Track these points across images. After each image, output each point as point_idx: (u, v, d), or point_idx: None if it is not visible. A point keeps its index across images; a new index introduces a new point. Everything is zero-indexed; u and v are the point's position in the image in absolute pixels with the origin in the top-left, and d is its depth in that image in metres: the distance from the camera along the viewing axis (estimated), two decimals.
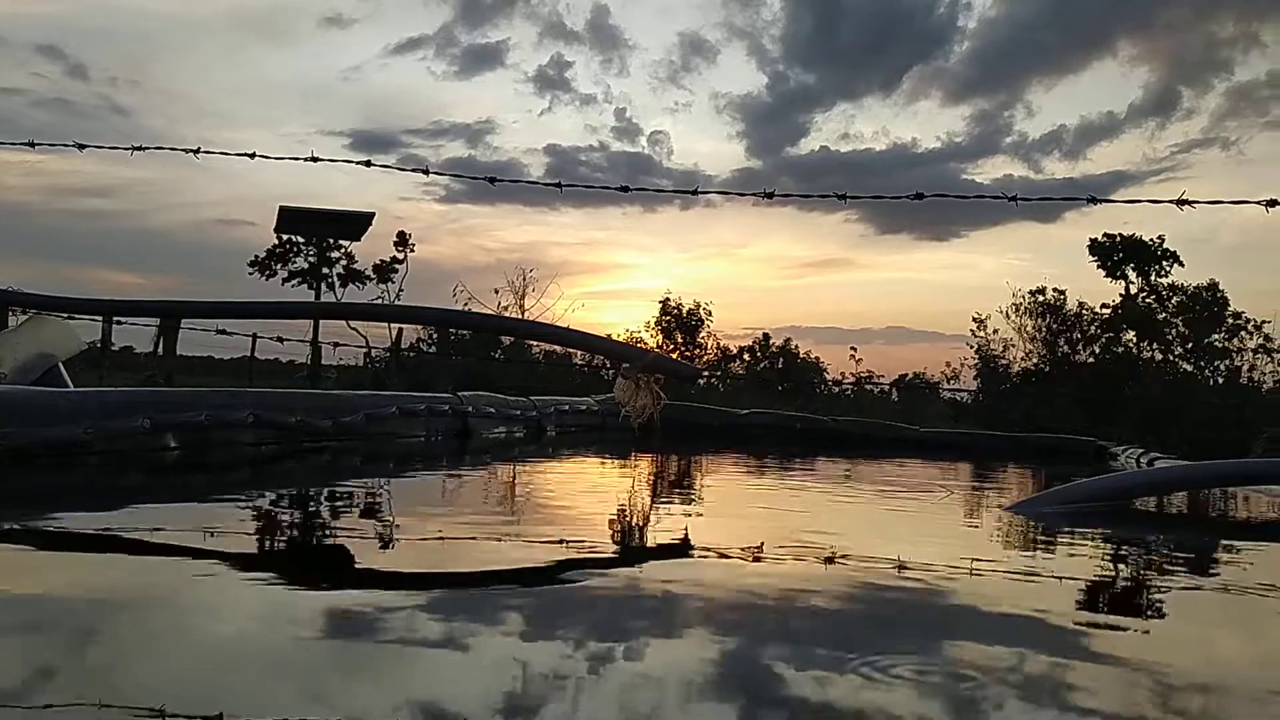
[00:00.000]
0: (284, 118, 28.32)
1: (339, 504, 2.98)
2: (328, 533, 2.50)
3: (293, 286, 14.94)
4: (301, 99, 29.24)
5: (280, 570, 1.96)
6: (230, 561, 1.94)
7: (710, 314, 19.37)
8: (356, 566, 2.04)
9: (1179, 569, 2.72)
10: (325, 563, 2.08)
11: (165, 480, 3.38)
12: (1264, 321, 17.24)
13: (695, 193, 4.63)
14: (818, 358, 20.10)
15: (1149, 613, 2.02)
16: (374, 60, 30.27)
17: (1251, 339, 17.33)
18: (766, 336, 20.35)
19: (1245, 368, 17.40)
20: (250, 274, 15.12)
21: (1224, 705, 1.33)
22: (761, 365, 20.00)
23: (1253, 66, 27.47)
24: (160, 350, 5.93)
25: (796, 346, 20.27)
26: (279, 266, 15.13)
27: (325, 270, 14.85)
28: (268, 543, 2.29)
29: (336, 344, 12.41)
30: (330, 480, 3.64)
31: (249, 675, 1.24)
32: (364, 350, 13.53)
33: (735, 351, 20.23)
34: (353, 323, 12.15)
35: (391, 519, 2.76)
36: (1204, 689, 1.39)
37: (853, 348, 18.79)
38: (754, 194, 4.17)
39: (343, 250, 15.11)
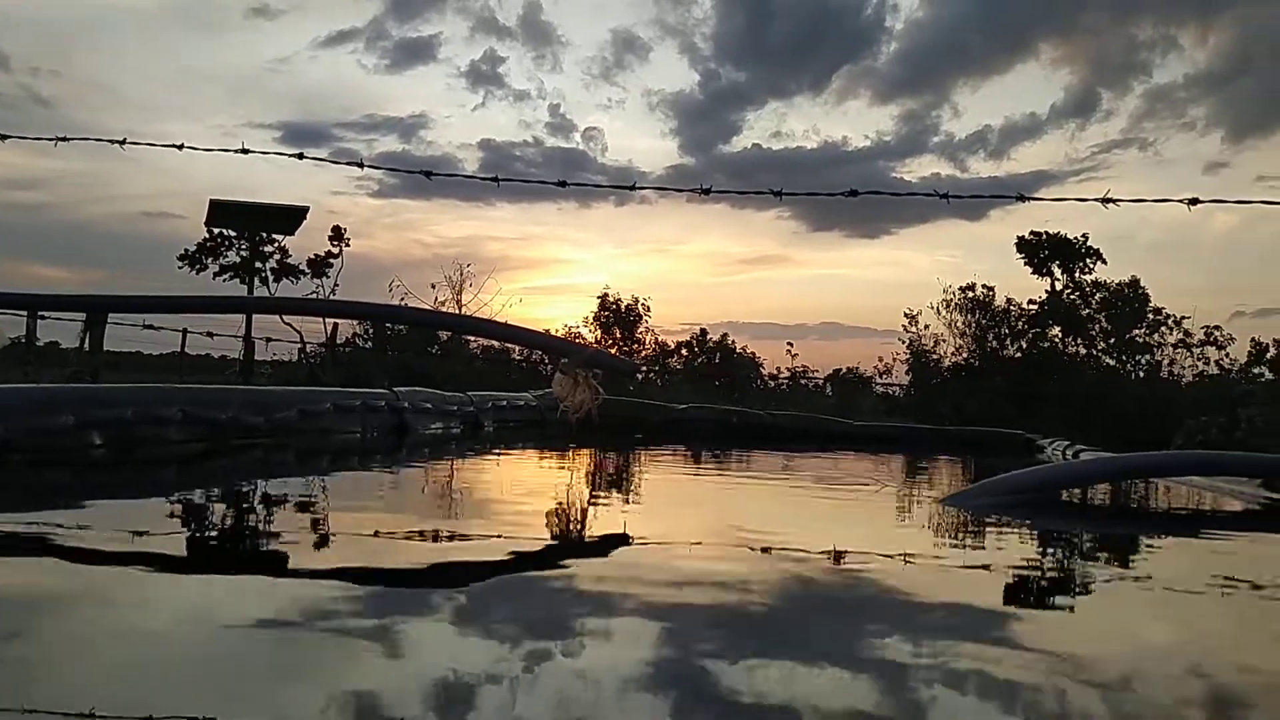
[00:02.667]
0: (212, 110, 27.74)
1: (271, 501, 2.94)
2: (259, 531, 2.46)
3: (224, 281, 14.62)
4: (229, 91, 28.66)
5: (210, 569, 1.92)
6: (158, 561, 1.90)
7: (648, 310, 19.44)
8: (289, 565, 2.01)
9: (1103, 559, 2.80)
10: (257, 561, 2.05)
11: (90, 479, 3.30)
12: (1184, 317, 17.81)
13: (633, 188, 4.64)
14: (754, 353, 20.28)
15: (1074, 601, 2.08)
16: (303, 52, 29.74)
17: (1171, 334, 17.88)
18: (704, 332, 20.49)
19: (1166, 362, 17.94)
20: (180, 268, 14.76)
21: (1142, 689, 1.37)
22: (699, 360, 20.10)
23: (1170, 69, 28.34)
24: (87, 346, 5.78)
25: (733, 342, 20.43)
26: (210, 261, 14.79)
27: (258, 265, 14.56)
28: (197, 542, 2.24)
29: (269, 339, 12.19)
30: (262, 477, 3.59)
31: (179, 675, 1.22)
32: (299, 346, 13.32)
33: (673, 347, 20.34)
34: (287, 318, 11.94)
35: (326, 516, 2.73)
36: (1124, 674, 1.44)
37: (789, 343, 19.03)
38: (690, 190, 4.18)
39: (276, 245, 14.82)
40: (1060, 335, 18.02)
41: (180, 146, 4.63)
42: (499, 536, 2.37)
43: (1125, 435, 12.25)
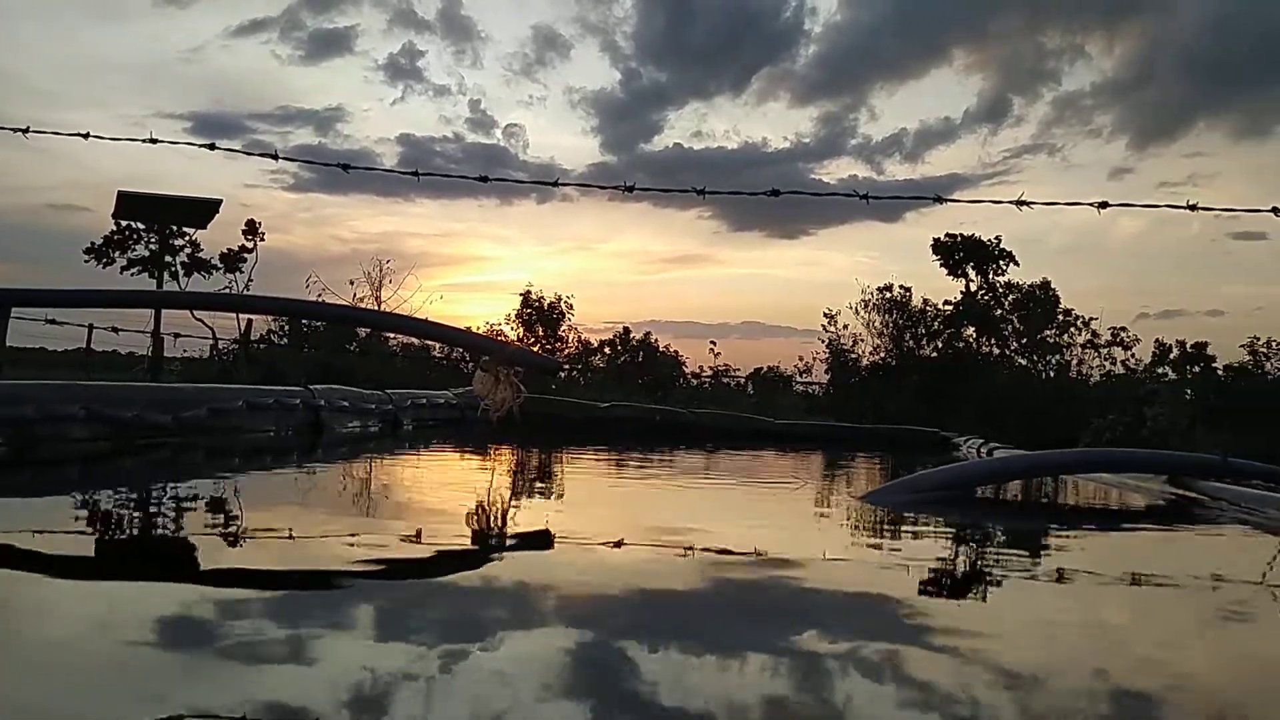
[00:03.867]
0: (120, 99, 26.80)
1: (179, 502, 2.84)
2: (166, 532, 2.38)
3: (132, 275, 14.15)
4: (138, 80, 27.77)
5: (113, 573, 1.85)
6: (58, 564, 1.82)
7: (571, 307, 19.38)
8: (197, 568, 1.94)
9: (1016, 554, 2.86)
10: (163, 564, 1.97)
11: None
12: (1092, 318, 18.38)
13: (555, 184, 4.60)
14: (677, 351, 20.37)
15: (988, 594, 2.11)
16: (215, 42, 28.88)
17: (1080, 335, 18.44)
18: (627, 330, 20.51)
19: (1075, 362, 18.50)
20: (86, 261, 14.25)
21: (1054, 680, 1.40)
22: (622, 359, 20.11)
23: (1077, 77, 29.25)
24: None
25: (656, 340, 20.49)
26: (117, 254, 14.32)
27: (168, 259, 14.14)
28: (99, 544, 2.16)
29: (178, 335, 11.85)
30: (169, 477, 3.47)
31: (82, 682, 1.16)
32: (211, 342, 12.98)
33: (596, 345, 20.32)
34: (198, 313, 11.62)
35: (237, 517, 2.65)
36: (1037, 665, 1.46)
37: (711, 342, 19.14)
38: (614, 187, 4.18)
39: (187, 238, 14.41)
40: (975, 335, 18.46)
41: (86, 135, 4.47)
42: (418, 536, 2.33)
43: (1036, 433, 12.57)
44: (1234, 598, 2.19)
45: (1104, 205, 3.80)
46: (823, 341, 18.39)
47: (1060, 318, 18.44)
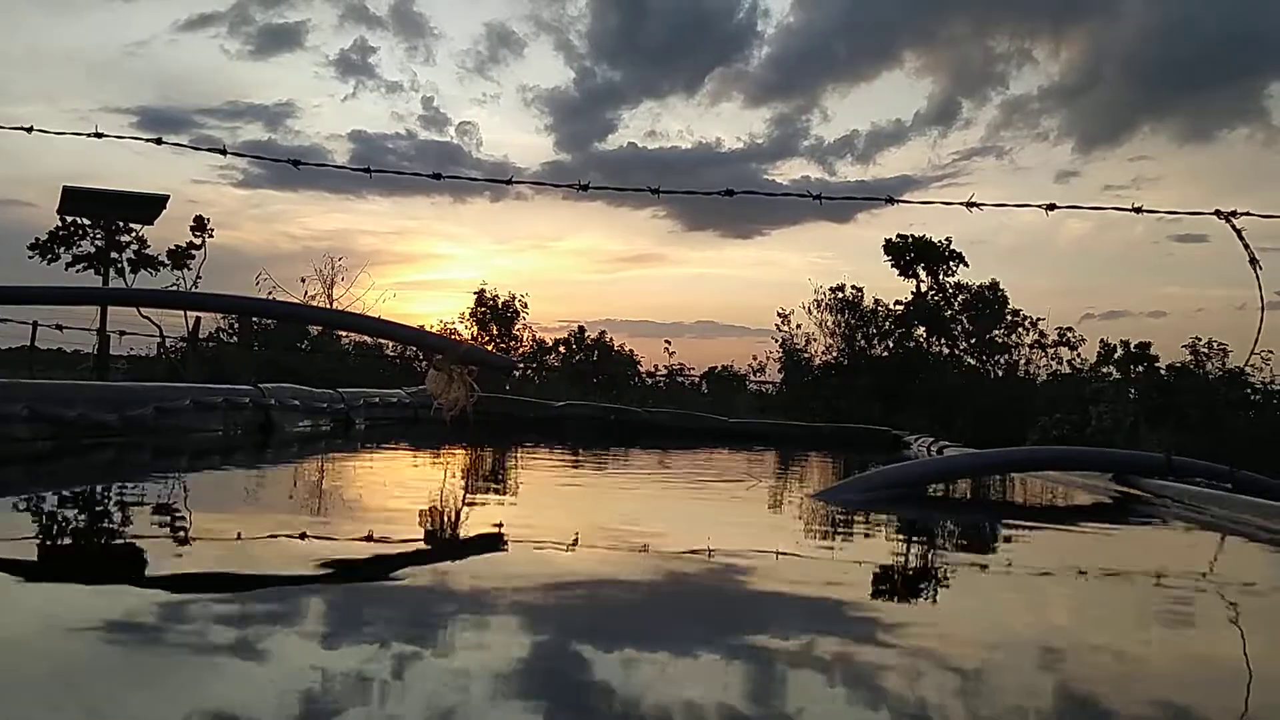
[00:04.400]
0: (65, 93, 26.27)
1: (125, 503, 2.79)
2: (111, 534, 2.33)
3: (78, 272, 13.88)
4: (83, 74, 27.20)
5: (59, 575, 1.81)
6: (4, 566, 1.78)
7: (526, 306, 19.31)
8: (144, 570, 1.91)
9: (966, 550, 2.90)
10: (108, 566, 1.93)
11: None
12: (1039, 319, 18.70)
13: (510, 182, 4.58)
14: (632, 350, 20.37)
15: (938, 590, 2.14)
16: (163, 36, 28.43)
17: (1028, 335, 18.74)
18: (582, 329, 20.48)
19: (1022, 362, 18.79)
20: (30, 258, 13.95)
21: (1002, 673, 1.42)
22: (577, 358, 20.08)
23: (1025, 81, 29.70)
24: None
25: (611, 339, 20.49)
26: (62, 250, 14.04)
27: (115, 255, 13.88)
28: (42, 545, 2.11)
29: (124, 333, 11.63)
30: (114, 478, 3.41)
31: (24, 687, 1.14)
32: (158, 340, 12.77)
33: (551, 344, 20.27)
34: (145, 310, 11.43)
35: (184, 518, 2.61)
36: (986, 659, 1.48)
37: (666, 341, 19.19)
38: (568, 185, 4.16)
39: (134, 234, 14.16)
40: (925, 335, 18.68)
41: (30, 129, 4.36)
42: (369, 537, 2.30)
43: (985, 431, 12.77)
44: (1176, 593, 2.23)
45: (1052, 207, 3.86)
46: (776, 341, 18.54)
47: (1008, 318, 18.72)
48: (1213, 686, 1.46)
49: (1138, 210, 3.75)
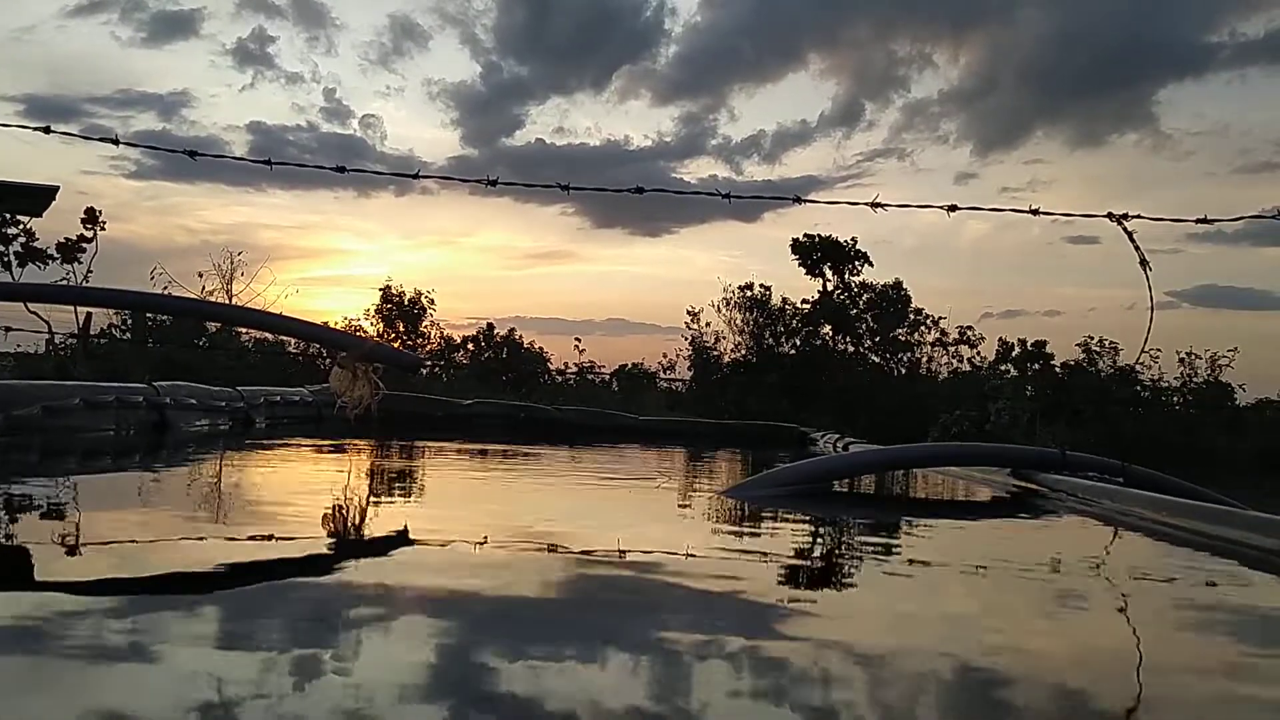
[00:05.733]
0: None
1: (10, 506, 2.66)
2: None
3: None
4: None
5: None
6: None
7: (433, 303, 19.03)
8: (31, 574, 1.82)
9: (871, 545, 2.94)
10: None
11: None
12: (940, 318, 19.17)
13: (417, 176, 4.51)
14: (541, 348, 20.25)
15: (844, 584, 2.17)
16: (50, 22, 27.10)
17: (930, 334, 19.20)
18: (491, 326, 20.28)
19: (924, 360, 19.24)
20: None
21: (904, 664, 1.44)
22: (486, 355, 19.89)
23: (926, 85, 30.36)
24: None
25: (521, 337, 20.33)
26: None
27: (0, 248, 13.29)
28: None
29: (9, 329, 11.12)
30: None
31: None
32: (46, 337, 12.24)
33: (459, 341, 20.01)
34: (33, 306, 10.95)
35: (74, 521, 2.50)
36: (889, 652, 1.50)
37: (576, 338, 19.07)
38: (477, 180, 4.11)
39: (21, 226, 13.56)
40: (831, 334, 18.99)
41: None
42: (270, 538, 2.24)
43: (889, 428, 13.03)
44: (1070, 583, 2.30)
45: (953, 208, 3.95)
46: (686, 339, 18.63)
47: (911, 317, 19.15)
48: (1104, 672, 1.50)
49: (1035, 212, 3.86)
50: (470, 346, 20.11)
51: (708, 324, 18.60)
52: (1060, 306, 26.98)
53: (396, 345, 15.67)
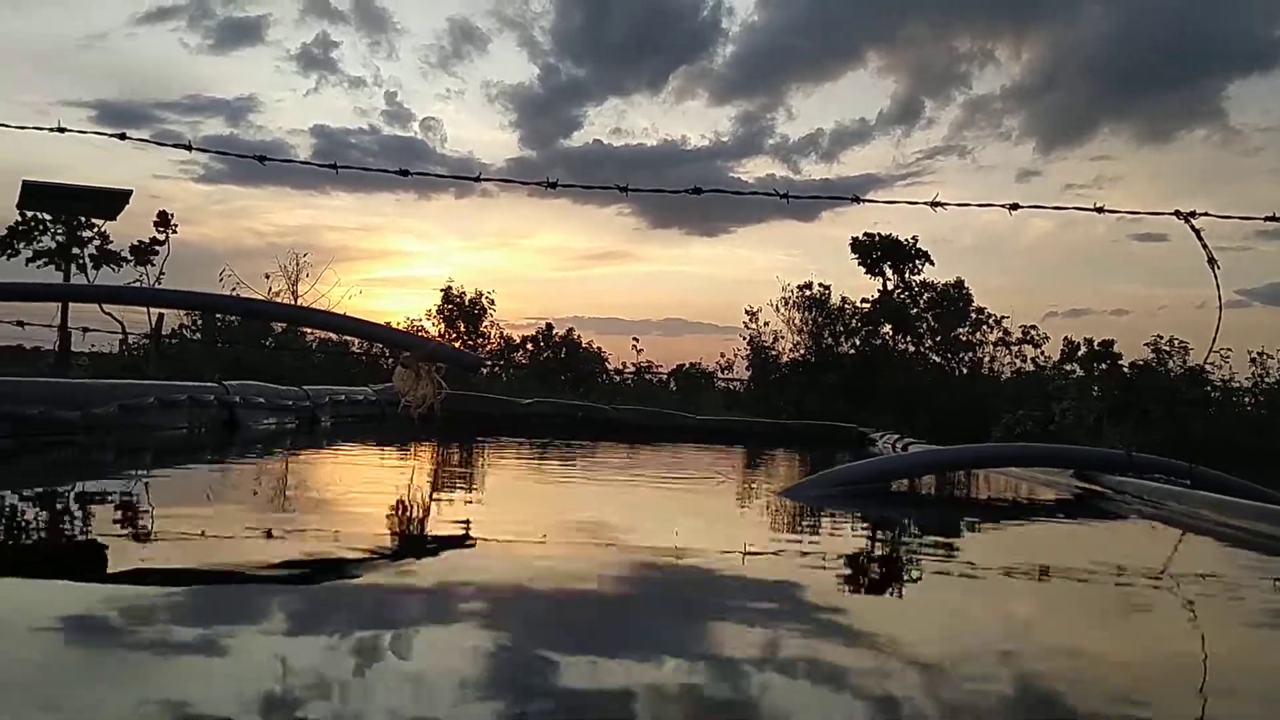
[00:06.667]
0: (20, 86, 25.69)
1: (88, 501, 2.76)
2: (74, 531, 2.31)
3: (38, 268, 13.66)
4: (40, 67, 26.64)
5: (19, 572, 1.79)
6: None
7: (493, 303, 19.20)
8: (107, 568, 1.89)
9: (930, 546, 2.93)
10: (71, 564, 1.91)
11: None
12: (1003, 317, 18.85)
13: (478, 179, 4.57)
14: (599, 348, 20.33)
15: (903, 587, 2.16)
16: (120, 29, 27.85)
17: (992, 333, 18.90)
18: (549, 326, 20.40)
19: (986, 359, 18.95)
20: None
21: (967, 671, 1.44)
22: (545, 355, 20.02)
23: (987, 81, 29.92)
24: None
25: (579, 337, 20.42)
26: (22, 245, 13.81)
27: (76, 251, 13.68)
28: (4, 544, 2.09)
29: (87, 329, 11.46)
30: (78, 476, 3.37)
31: None
32: (120, 337, 12.59)
33: (519, 341, 20.16)
34: (108, 307, 11.27)
35: (148, 516, 2.58)
36: (951, 657, 1.50)
37: (634, 338, 19.12)
38: (536, 183, 4.16)
39: (96, 230, 13.95)
40: (891, 333, 18.80)
41: None
42: (336, 535, 2.30)
43: (949, 428, 12.87)
44: (1134, 588, 2.27)
45: (1015, 207, 3.91)
46: (744, 338, 18.57)
47: (973, 316, 18.87)
48: (1170, 680, 1.49)
49: (1099, 210, 3.80)
50: (529, 346, 20.25)
51: (766, 324, 18.52)
52: (1127, 305, 26.45)
53: (457, 345, 15.85)
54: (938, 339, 18.92)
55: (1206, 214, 3.58)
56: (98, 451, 3.93)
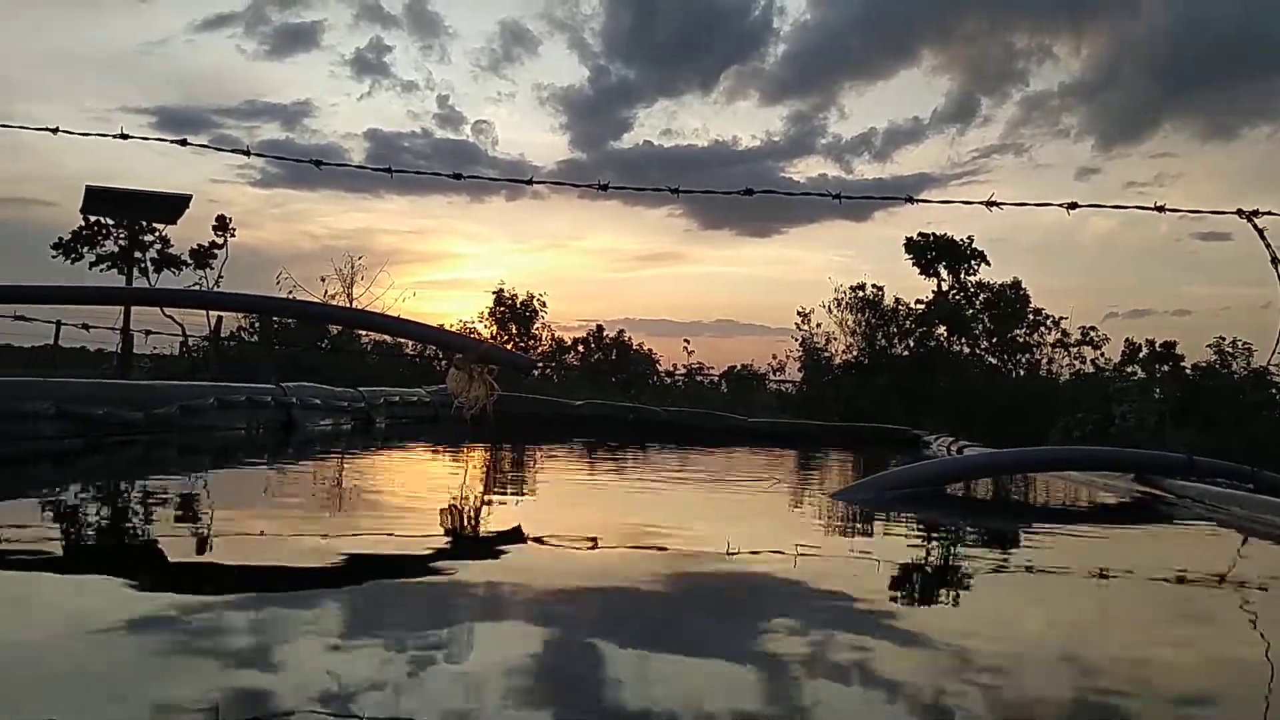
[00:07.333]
0: (85, 92, 26.35)
1: (150, 500, 2.82)
2: (138, 531, 2.36)
3: (102, 271, 14.02)
4: (102, 74, 27.27)
5: (86, 569, 1.84)
6: (28, 563, 1.81)
7: (544, 305, 19.33)
8: (170, 566, 1.94)
9: (985, 550, 2.89)
10: (134, 562, 1.96)
11: None
12: (1061, 318, 18.53)
13: (530, 182, 4.60)
14: (650, 349, 20.36)
15: (957, 591, 2.14)
16: (179, 36, 28.53)
17: (1050, 334, 18.58)
18: (600, 328, 20.47)
19: (1044, 361, 18.64)
20: (54, 257, 14.09)
21: (1022, 676, 1.42)
22: (596, 357, 20.09)
23: (1045, 78, 29.46)
24: None
25: (630, 338, 20.47)
26: (86, 250, 14.18)
27: (137, 255, 14.01)
28: (70, 543, 2.14)
29: (149, 332, 11.73)
30: (141, 475, 3.45)
31: (51, 680, 1.16)
32: (180, 339, 12.86)
33: (570, 343, 20.26)
34: (168, 310, 11.51)
35: (208, 515, 2.64)
36: (1005, 661, 1.48)
37: (685, 340, 19.12)
38: (587, 185, 4.18)
39: (157, 234, 14.28)
40: (946, 334, 18.57)
41: (55, 130, 4.42)
42: (390, 535, 2.33)
43: (1006, 431, 12.68)
44: (1195, 593, 2.23)
45: (1073, 206, 3.85)
46: (796, 340, 18.45)
47: (1030, 317, 18.58)
48: (1232, 687, 1.45)
49: (1160, 209, 3.73)
50: (580, 348, 20.33)
51: (818, 325, 18.39)
52: (1190, 306, 25.87)
53: (509, 347, 15.97)
54: (994, 340, 18.65)
55: (1270, 213, 3.50)
56: (160, 450, 4.02)
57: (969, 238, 18.68)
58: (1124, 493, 4.15)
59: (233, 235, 14.50)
